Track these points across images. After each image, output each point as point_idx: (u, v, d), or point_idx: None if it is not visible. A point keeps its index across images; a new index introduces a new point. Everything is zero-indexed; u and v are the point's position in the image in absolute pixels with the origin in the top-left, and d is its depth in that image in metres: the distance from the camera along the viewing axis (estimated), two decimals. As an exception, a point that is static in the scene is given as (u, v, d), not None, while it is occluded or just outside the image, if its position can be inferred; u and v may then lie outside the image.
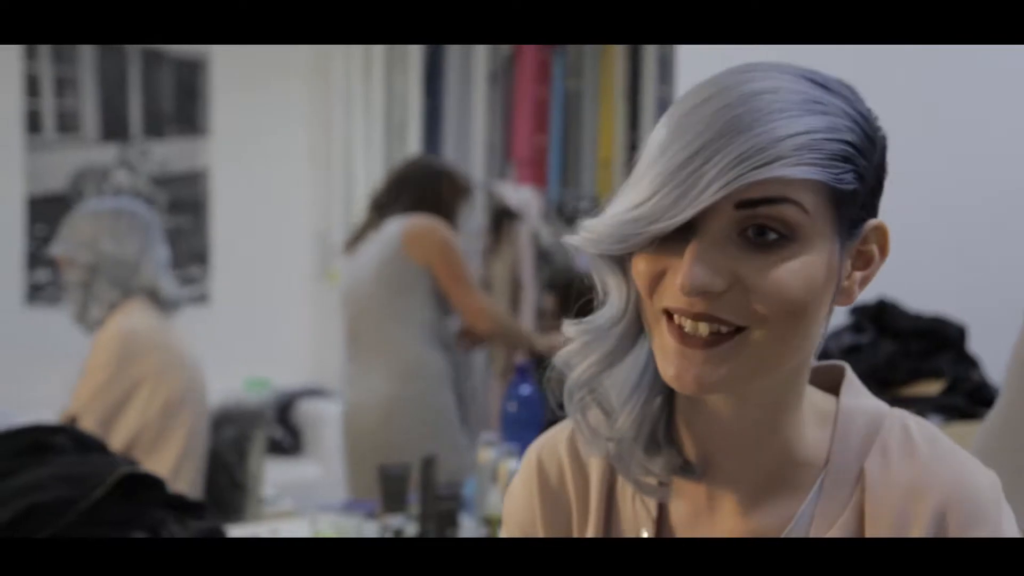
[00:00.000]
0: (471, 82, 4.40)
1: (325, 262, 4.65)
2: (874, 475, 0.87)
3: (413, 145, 4.44)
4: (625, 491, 0.95)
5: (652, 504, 0.93)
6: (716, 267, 0.80)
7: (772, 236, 0.80)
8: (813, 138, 0.79)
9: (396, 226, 2.92)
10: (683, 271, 0.79)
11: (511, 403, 2.39)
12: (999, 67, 1.98)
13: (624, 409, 0.89)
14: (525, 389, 2.41)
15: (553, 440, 0.99)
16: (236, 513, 2.73)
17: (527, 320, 4.04)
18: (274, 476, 3.40)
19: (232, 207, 4.61)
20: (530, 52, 4.33)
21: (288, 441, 4.29)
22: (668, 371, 0.83)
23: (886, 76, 2.05)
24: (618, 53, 4.34)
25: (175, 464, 2.44)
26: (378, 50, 4.47)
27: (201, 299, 4.57)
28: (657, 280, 0.83)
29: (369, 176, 4.54)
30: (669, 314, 0.83)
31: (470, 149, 4.41)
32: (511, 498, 1.01)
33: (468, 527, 2.26)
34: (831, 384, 0.93)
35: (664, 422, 0.92)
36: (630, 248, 0.82)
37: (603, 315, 0.88)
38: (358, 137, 4.55)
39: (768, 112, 0.78)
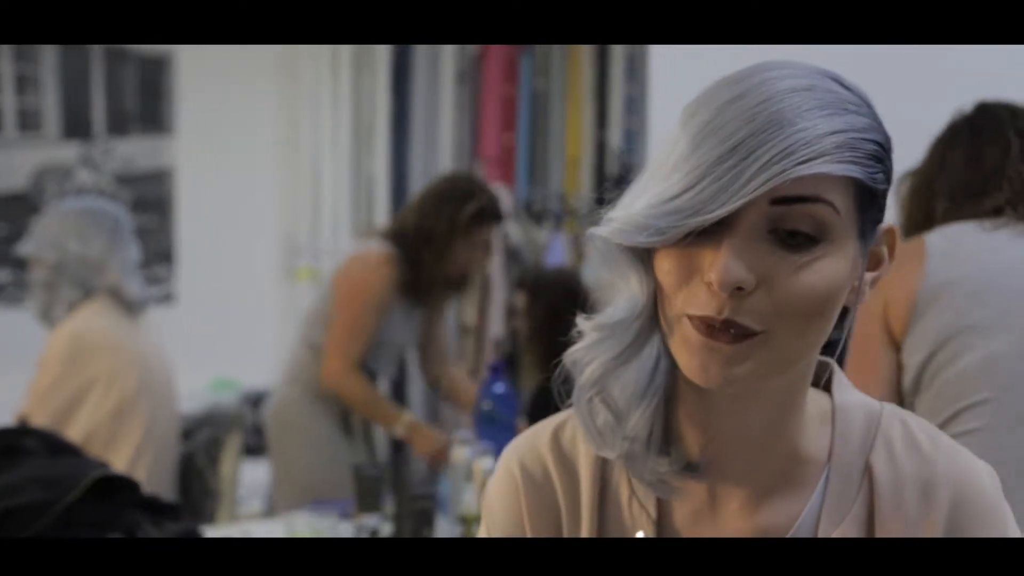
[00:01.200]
0: (439, 81, 4.39)
1: (292, 261, 4.62)
2: (881, 470, 0.88)
3: (381, 145, 4.42)
4: (620, 493, 0.93)
5: (651, 506, 0.92)
6: (749, 263, 0.80)
7: (802, 236, 0.80)
8: (851, 136, 0.80)
9: (351, 251, 3.00)
10: (718, 267, 0.79)
11: (485, 402, 2.39)
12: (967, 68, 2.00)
13: (638, 408, 0.87)
14: (499, 387, 2.41)
15: (533, 443, 0.97)
16: (208, 517, 2.71)
17: (496, 319, 4.04)
18: (241, 477, 3.37)
19: (198, 206, 4.57)
20: (497, 51, 4.33)
21: (255, 442, 4.25)
22: (692, 364, 0.82)
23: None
24: (585, 52, 4.35)
25: (128, 466, 2.41)
26: (345, 49, 4.45)
27: (166, 299, 4.53)
28: (684, 280, 0.82)
29: (336, 175, 4.52)
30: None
31: (438, 148, 4.40)
32: (491, 505, 0.98)
33: (443, 526, 2.25)
34: (820, 380, 0.93)
35: (672, 422, 0.90)
36: (665, 240, 0.82)
37: (619, 311, 0.87)
38: (325, 136, 4.52)
39: (808, 109, 0.79)
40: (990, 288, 1.53)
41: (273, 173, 4.69)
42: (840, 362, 0.95)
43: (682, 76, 2.30)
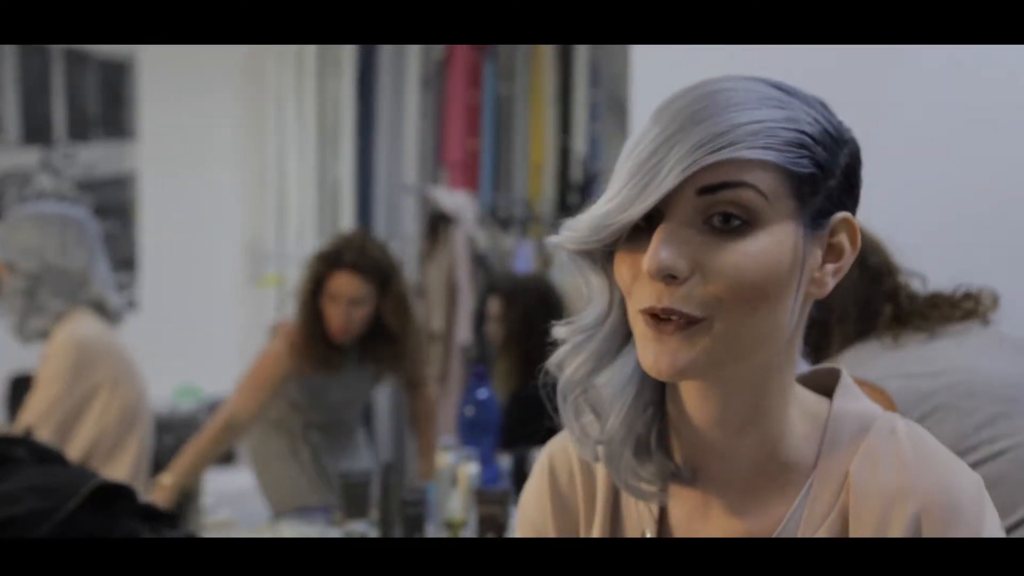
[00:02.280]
0: (403, 86, 4.39)
1: (257, 268, 4.59)
2: (859, 479, 0.89)
3: (346, 149, 4.41)
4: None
5: (654, 504, 0.95)
6: (680, 251, 0.83)
7: (735, 223, 0.83)
8: (767, 126, 0.83)
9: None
10: (649, 253, 0.83)
11: (468, 407, 2.40)
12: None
13: (613, 409, 0.91)
14: (482, 393, 2.42)
15: (565, 443, 1.01)
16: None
17: (463, 325, 4.05)
18: (208, 485, 3.35)
19: (160, 212, 4.52)
20: (462, 56, 4.34)
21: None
22: (646, 358, 0.85)
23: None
24: (548, 57, 4.37)
25: (132, 472, 2.40)
26: (310, 52, 4.43)
27: (129, 306, 4.48)
28: (633, 278, 0.86)
29: (302, 180, 4.50)
30: None
31: (402, 153, 4.40)
32: (525, 498, 1.03)
33: (429, 532, 2.25)
34: (826, 388, 0.95)
35: (656, 430, 0.93)
36: (605, 240, 0.86)
37: (589, 315, 0.91)
38: (290, 141, 4.50)
39: (726, 106, 0.83)
40: (976, 392, 1.56)
41: (237, 178, 4.65)
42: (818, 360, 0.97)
43: (664, 79, 2.33)
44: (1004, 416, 1.52)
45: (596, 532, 0.98)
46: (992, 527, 0.88)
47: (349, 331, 2.74)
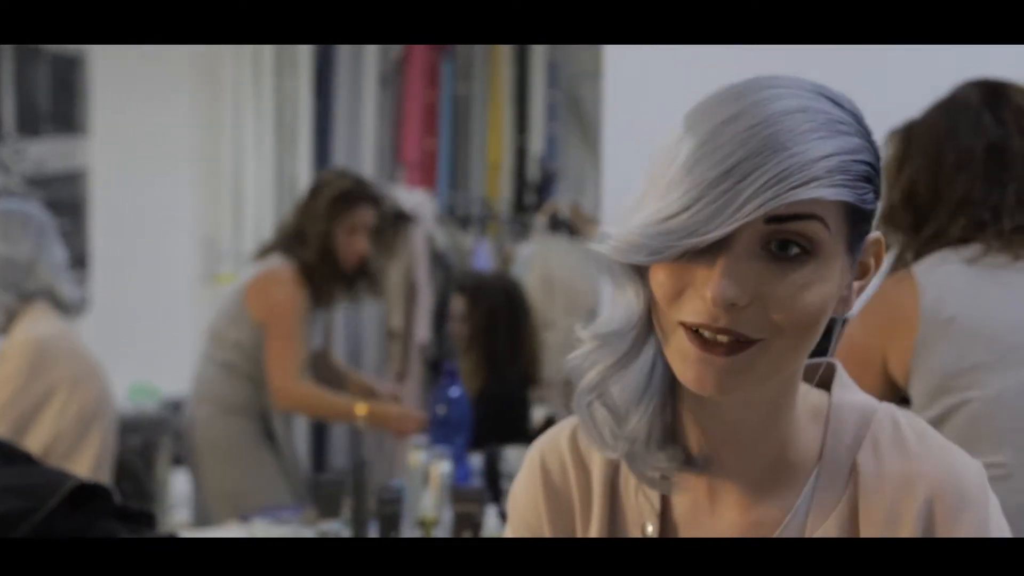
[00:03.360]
0: (361, 85, 4.37)
1: (212, 266, 4.53)
2: (866, 468, 0.91)
3: (304, 147, 4.38)
4: (628, 486, 0.98)
5: (655, 498, 0.96)
6: (743, 281, 0.82)
7: (795, 251, 0.83)
8: (842, 160, 0.82)
9: (250, 273, 3.00)
10: (713, 285, 0.82)
11: (440, 406, 2.39)
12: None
13: (637, 411, 0.91)
14: (454, 391, 2.41)
15: (555, 438, 1.01)
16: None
17: (422, 323, 4.03)
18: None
19: (113, 209, 4.44)
20: (420, 55, 4.33)
21: (178, 450, 4.17)
22: (688, 375, 0.85)
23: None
24: (506, 57, 4.38)
25: (91, 474, 2.35)
26: (268, 51, 4.39)
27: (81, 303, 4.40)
28: (678, 292, 0.85)
29: (259, 178, 4.45)
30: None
31: (360, 152, 4.38)
32: (515, 497, 1.03)
33: (404, 531, 2.24)
34: (823, 381, 0.97)
35: (670, 419, 0.94)
36: (661, 259, 0.84)
37: (617, 320, 0.90)
38: (247, 138, 4.45)
39: (801, 132, 0.81)
40: (985, 327, 1.54)
41: (192, 175, 4.59)
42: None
43: (637, 80, 2.35)
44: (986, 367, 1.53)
45: (594, 527, 0.98)
46: (995, 511, 0.91)
47: (364, 258, 2.99)
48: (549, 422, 2.80)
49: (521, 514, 1.01)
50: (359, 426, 2.95)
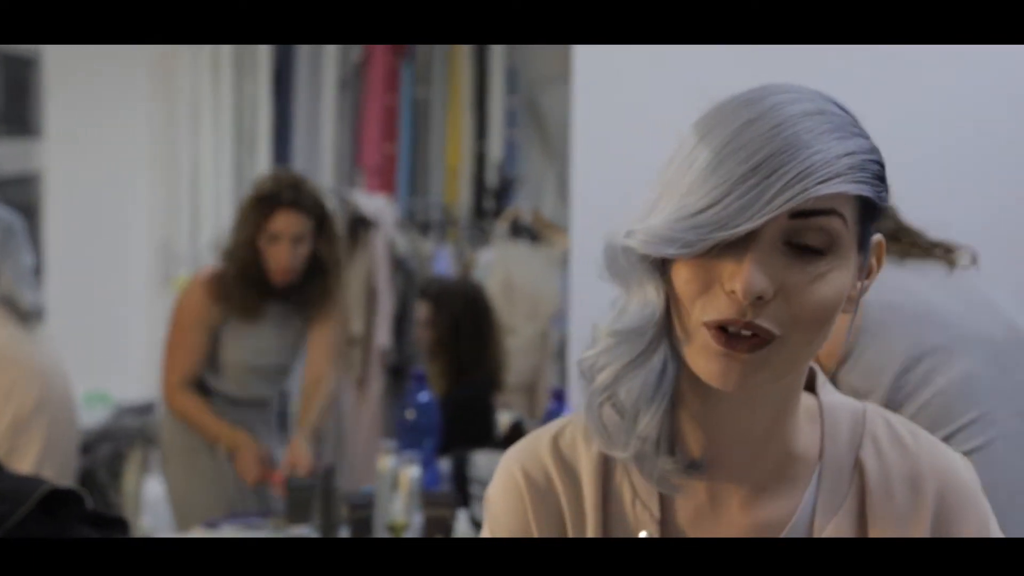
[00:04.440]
0: (320, 88, 4.35)
1: (169, 270, 4.48)
2: (871, 466, 0.93)
3: (263, 151, 4.34)
4: (623, 494, 0.96)
5: (655, 506, 0.95)
6: (770, 274, 0.85)
7: (816, 246, 0.86)
8: (861, 158, 0.86)
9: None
10: (743, 277, 0.84)
11: (409, 411, 2.38)
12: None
13: (648, 411, 0.91)
14: (423, 396, 2.40)
15: (533, 449, 0.99)
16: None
17: (383, 328, 4.02)
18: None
19: (67, 212, 4.37)
20: (379, 58, 4.31)
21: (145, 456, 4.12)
22: (711, 370, 0.87)
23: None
24: (465, 62, 4.38)
25: None
26: (226, 52, 4.35)
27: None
28: (703, 289, 0.87)
29: (217, 182, 4.41)
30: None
31: (319, 156, 4.36)
32: (495, 512, 0.99)
33: (376, 535, 2.23)
34: (805, 383, 0.98)
35: (670, 423, 0.94)
36: (692, 252, 0.86)
37: (636, 318, 0.90)
38: (205, 141, 4.41)
39: (821, 132, 0.85)
40: (928, 313, 1.59)
41: (149, 178, 4.53)
42: None
43: (606, 84, 2.36)
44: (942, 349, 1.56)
45: (590, 535, 0.96)
46: (987, 504, 0.95)
47: (293, 270, 2.73)
48: (516, 427, 2.80)
49: (505, 528, 0.98)
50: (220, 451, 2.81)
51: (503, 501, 0.98)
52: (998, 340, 1.60)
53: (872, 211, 0.89)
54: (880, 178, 0.88)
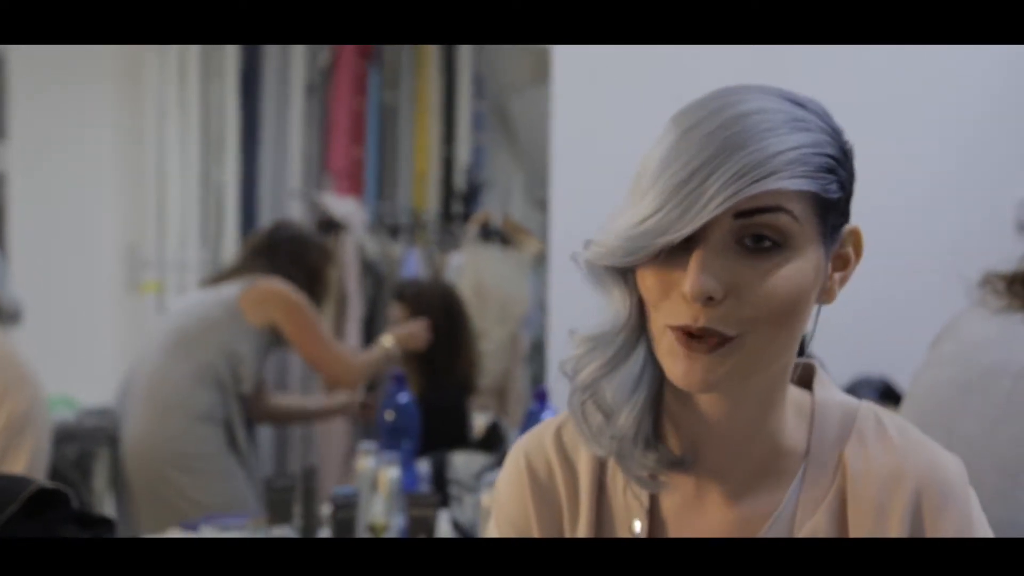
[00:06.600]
0: (288, 92, 4.32)
1: (136, 274, 4.44)
2: (854, 461, 0.95)
3: (230, 155, 4.31)
4: (616, 485, 1.00)
5: (644, 496, 0.99)
6: (718, 275, 0.87)
7: (767, 243, 0.87)
8: (802, 153, 0.87)
9: (235, 288, 2.94)
10: (689, 279, 0.86)
11: (388, 412, 2.38)
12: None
13: (625, 408, 0.95)
14: (403, 397, 2.40)
15: (539, 438, 1.04)
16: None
17: (352, 331, 4.00)
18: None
19: (32, 215, 4.31)
20: (347, 63, 4.30)
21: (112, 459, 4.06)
22: (676, 372, 0.89)
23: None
24: (433, 66, 4.37)
25: None
26: (193, 54, 4.32)
27: (-5, 312, 4.27)
28: (664, 294, 0.89)
29: (184, 185, 4.37)
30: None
31: (287, 160, 4.33)
32: (500, 498, 1.05)
33: (358, 535, 2.22)
34: (803, 380, 1.01)
35: (655, 421, 0.97)
36: (639, 260, 0.89)
37: (607, 323, 0.94)
38: (172, 144, 4.37)
39: (758, 132, 0.86)
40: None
41: (115, 182, 4.48)
42: (802, 353, 1.02)
43: (584, 86, 2.37)
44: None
45: (582, 525, 1.00)
46: (975, 503, 0.96)
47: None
48: (493, 429, 2.80)
49: (508, 515, 1.03)
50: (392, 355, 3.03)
51: (507, 488, 1.04)
52: None
53: (826, 205, 0.89)
54: (829, 170, 0.88)
